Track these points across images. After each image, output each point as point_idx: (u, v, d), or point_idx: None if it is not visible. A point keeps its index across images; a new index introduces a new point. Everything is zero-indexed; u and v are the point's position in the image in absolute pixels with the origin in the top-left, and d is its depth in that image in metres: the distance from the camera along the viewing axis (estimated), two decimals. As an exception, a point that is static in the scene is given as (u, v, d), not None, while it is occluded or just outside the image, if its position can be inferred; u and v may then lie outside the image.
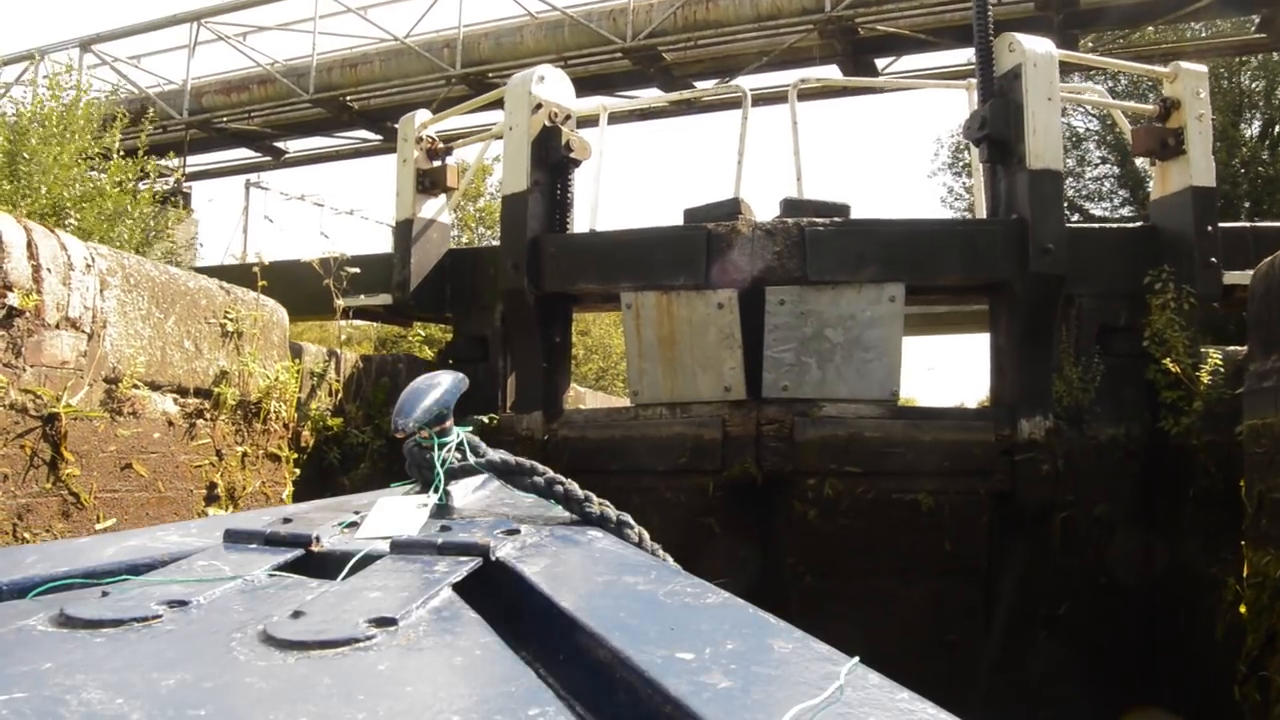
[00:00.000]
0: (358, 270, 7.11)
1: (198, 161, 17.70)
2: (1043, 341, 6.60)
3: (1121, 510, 6.63)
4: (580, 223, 7.61)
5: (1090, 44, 13.36)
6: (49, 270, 3.87)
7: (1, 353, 3.67)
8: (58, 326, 3.91)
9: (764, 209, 7.92)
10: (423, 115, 8.00)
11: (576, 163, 7.31)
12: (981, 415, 6.69)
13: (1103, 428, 6.65)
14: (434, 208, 7.91)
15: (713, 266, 6.34)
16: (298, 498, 6.24)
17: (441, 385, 2.09)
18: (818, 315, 6.30)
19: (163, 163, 11.73)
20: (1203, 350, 6.44)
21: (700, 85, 15.08)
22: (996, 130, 6.58)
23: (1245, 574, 4.47)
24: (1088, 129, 19.41)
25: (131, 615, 1.16)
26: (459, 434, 2.06)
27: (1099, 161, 19.72)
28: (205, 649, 1.06)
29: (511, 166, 7.17)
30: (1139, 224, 8.40)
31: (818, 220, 6.37)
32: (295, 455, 5.42)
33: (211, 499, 4.65)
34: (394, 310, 7.86)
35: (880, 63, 14.18)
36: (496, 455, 2.04)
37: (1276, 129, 17.90)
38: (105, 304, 4.12)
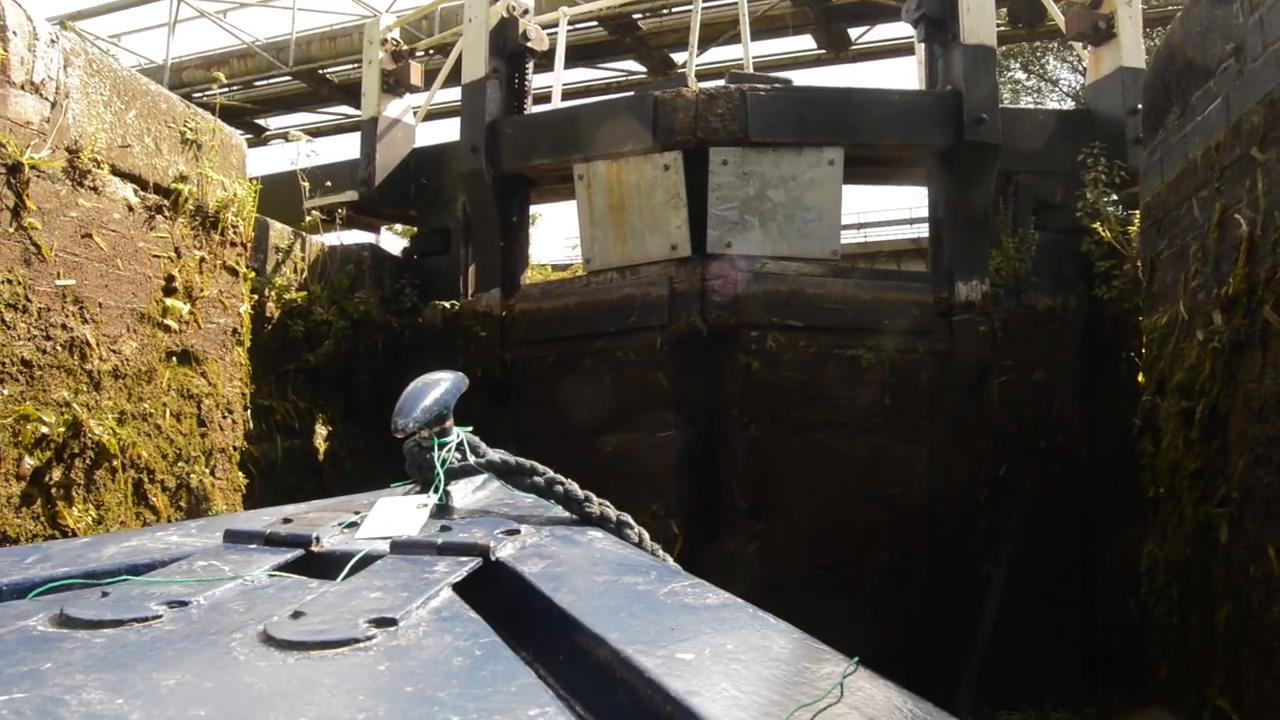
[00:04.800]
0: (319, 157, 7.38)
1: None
2: (979, 211, 6.88)
3: (1060, 378, 6.89)
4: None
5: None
6: (14, 34, 4.13)
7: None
8: (22, 88, 4.15)
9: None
10: (387, 19, 8.32)
11: (534, 53, 7.63)
12: (920, 278, 6.97)
13: (1040, 298, 6.92)
14: (399, 108, 8.20)
15: (659, 130, 6.62)
16: (266, 367, 6.46)
17: (441, 385, 2.10)
18: (759, 176, 6.58)
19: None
20: (1132, 214, 6.73)
21: (675, 56, 15.56)
22: (932, 9, 6.91)
23: (1143, 342, 4.70)
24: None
25: (131, 615, 1.16)
26: (459, 434, 2.08)
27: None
28: (205, 649, 1.06)
29: (471, 55, 7.47)
30: (1075, 108, 8.72)
31: (759, 85, 6.67)
32: (252, 274, 5.64)
33: (170, 291, 4.86)
34: (359, 207, 8.11)
35: (854, 32, 14.58)
36: (496, 455, 2.05)
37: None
38: (69, 79, 4.37)
